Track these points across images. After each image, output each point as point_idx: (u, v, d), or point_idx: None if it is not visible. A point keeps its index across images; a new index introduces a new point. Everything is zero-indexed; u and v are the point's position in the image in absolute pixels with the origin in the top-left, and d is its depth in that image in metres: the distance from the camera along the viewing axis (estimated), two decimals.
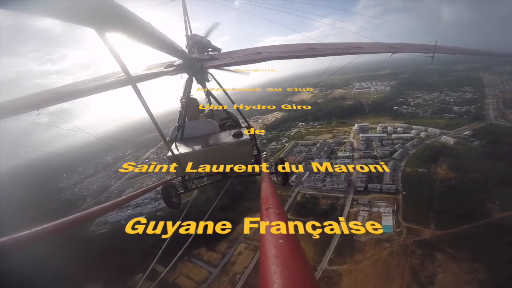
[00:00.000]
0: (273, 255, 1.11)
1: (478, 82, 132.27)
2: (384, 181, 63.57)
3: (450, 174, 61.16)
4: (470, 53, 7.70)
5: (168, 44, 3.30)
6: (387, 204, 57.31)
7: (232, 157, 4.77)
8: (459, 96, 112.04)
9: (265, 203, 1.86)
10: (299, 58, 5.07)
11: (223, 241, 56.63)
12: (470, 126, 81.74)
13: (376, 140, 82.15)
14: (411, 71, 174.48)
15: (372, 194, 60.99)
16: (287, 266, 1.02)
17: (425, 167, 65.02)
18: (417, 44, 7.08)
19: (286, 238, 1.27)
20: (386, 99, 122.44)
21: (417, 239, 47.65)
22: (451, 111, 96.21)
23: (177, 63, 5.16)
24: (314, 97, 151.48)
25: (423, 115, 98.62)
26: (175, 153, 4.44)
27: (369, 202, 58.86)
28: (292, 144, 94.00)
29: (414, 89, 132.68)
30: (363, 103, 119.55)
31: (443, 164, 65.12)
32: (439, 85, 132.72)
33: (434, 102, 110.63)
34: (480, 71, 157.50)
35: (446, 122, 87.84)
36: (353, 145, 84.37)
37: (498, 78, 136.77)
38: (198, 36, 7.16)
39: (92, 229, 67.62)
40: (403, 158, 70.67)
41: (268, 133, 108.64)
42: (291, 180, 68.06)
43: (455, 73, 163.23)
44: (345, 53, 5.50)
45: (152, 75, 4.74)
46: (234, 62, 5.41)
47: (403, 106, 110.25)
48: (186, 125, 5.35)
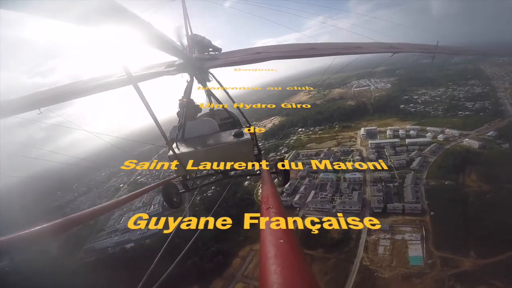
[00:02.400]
0: (273, 255, 1.11)
1: (482, 75, 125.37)
2: (405, 199, 54.57)
3: (483, 186, 52.48)
4: (471, 53, 7.88)
5: (168, 44, 3.38)
6: (413, 229, 48.36)
7: (232, 156, 4.70)
8: (468, 91, 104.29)
9: (266, 203, 1.89)
10: (299, 58, 5.12)
11: (218, 279, 48.51)
12: (492, 124, 73.61)
13: (388, 147, 73.05)
14: (408, 66, 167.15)
15: (393, 216, 52.00)
16: (287, 266, 1.02)
17: (452, 178, 56.22)
18: (417, 44, 7.08)
19: (286, 238, 1.29)
20: (389, 97, 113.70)
21: (456, 271, 39.62)
22: (465, 108, 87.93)
23: (177, 62, 5.21)
24: (312, 98, 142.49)
25: (434, 113, 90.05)
26: (176, 153, 4.45)
27: (390, 227, 49.67)
28: (293, 154, 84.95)
29: (416, 85, 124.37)
30: (365, 103, 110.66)
31: (472, 174, 56.41)
32: (442, 80, 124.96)
33: (442, 98, 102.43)
34: (478, 63, 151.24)
35: (462, 120, 79.53)
36: (362, 153, 75.18)
37: (501, 70, 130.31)
38: (199, 36, 6.97)
39: (80, 256, 63.12)
40: (423, 169, 61.67)
41: (266, 142, 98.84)
42: (295, 202, 60.95)
43: (453, 66, 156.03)
44: (346, 53, 5.57)
45: (152, 74, 5.16)
46: (234, 62, 5.38)
47: (410, 104, 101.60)
48: (186, 125, 5.36)
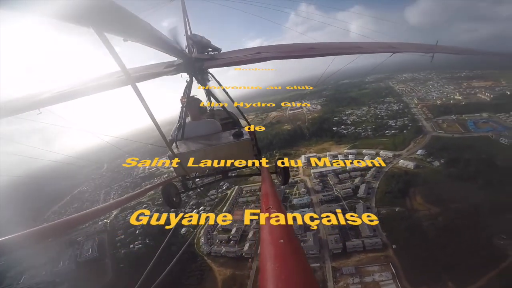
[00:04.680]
0: (273, 255, 1.10)
1: (393, 92, 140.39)
2: (362, 233, 49.75)
3: (431, 208, 51.66)
4: (470, 53, 7.31)
5: (167, 44, 3.37)
6: (381, 267, 43.23)
7: (232, 156, 4.72)
8: (387, 108, 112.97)
9: (266, 203, 1.86)
10: (299, 58, 5.07)
11: None
12: (417, 142, 77.59)
13: (331, 175, 69.19)
14: (332, 87, 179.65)
15: (355, 256, 46.41)
16: (287, 266, 1.01)
17: (400, 204, 54.38)
18: (417, 44, 7.00)
19: (286, 237, 1.29)
20: (322, 119, 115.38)
21: None
22: (389, 127, 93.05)
23: (177, 63, 5.18)
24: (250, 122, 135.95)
25: (365, 134, 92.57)
26: (176, 153, 4.40)
27: (357, 269, 43.80)
28: (236, 191, 74.72)
29: (343, 105, 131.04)
30: (301, 127, 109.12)
31: (417, 196, 55.52)
32: (363, 98, 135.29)
33: (368, 117, 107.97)
34: (387, 80, 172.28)
35: (391, 140, 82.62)
36: (306, 184, 69.37)
37: (406, 86, 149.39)
38: (198, 36, 6.50)
39: None
40: (370, 196, 58.76)
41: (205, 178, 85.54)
42: (245, 252, 52.28)
43: (368, 84, 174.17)
44: (345, 53, 5.54)
45: (152, 75, 5.13)
46: (234, 62, 5.29)
47: (341, 126, 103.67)
48: (188, 125, 5.39)
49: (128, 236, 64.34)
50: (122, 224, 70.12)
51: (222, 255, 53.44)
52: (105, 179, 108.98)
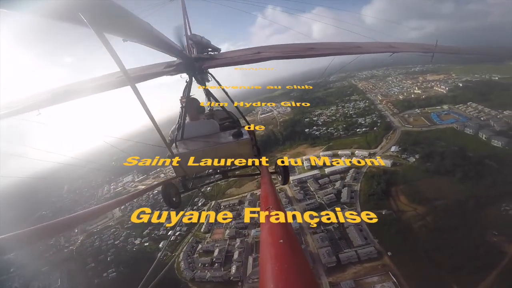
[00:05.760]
0: (273, 255, 1.10)
1: (357, 89, 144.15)
2: (353, 242, 47.21)
3: (417, 208, 50.91)
4: (470, 53, 7.21)
5: (167, 44, 3.37)
6: (380, 277, 40.59)
7: (232, 156, 4.66)
8: (354, 106, 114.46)
9: (265, 203, 1.86)
10: (299, 58, 4.97)
11: None
12: (389, 138, 77.94)
13: (311, 180, 66.13)
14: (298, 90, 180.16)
15: (351, 267, 43.48)
16: (287, 266, 1.00)
17: (386, 206, 53.13)
18: (417, 44, 6.92)
19: (286, 237, 1.29)
20: (293, 122, 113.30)
21: None
22: (360, 125, 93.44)
23: (176, 63, 5.10)
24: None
25: (337, 134, 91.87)
26: (175, 153, 4.34)
27: (356, 282, 40.90)
28: (214, 206, 69.14)
29: (312, 106, 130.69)
30: (274, 132, 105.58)
31: (401, 196, 54.66)
32: (330, 98, 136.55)
33: (337, 117, 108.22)
34: (349, 79, 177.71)
35: (364, 138, 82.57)
36: (287, 193, 65.36)
37: (368, 84, 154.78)
38: (198, 36, 6.38)
39: None
40: (354, 200, 56.54)
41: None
42: (233, 275, 47.81)
43: (333, 83, 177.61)
44: (345, 53, 5.45)
45: (151, 75, 4.96)
46: (233, 62, 5.25)
47: (313, 127, 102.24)
48: (187, 125, 5.33)
49: (99, 264, 58.45)
50: (91, 251, 63.22)
51: (208, 280, 48.23)
52: (66, 202, 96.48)
